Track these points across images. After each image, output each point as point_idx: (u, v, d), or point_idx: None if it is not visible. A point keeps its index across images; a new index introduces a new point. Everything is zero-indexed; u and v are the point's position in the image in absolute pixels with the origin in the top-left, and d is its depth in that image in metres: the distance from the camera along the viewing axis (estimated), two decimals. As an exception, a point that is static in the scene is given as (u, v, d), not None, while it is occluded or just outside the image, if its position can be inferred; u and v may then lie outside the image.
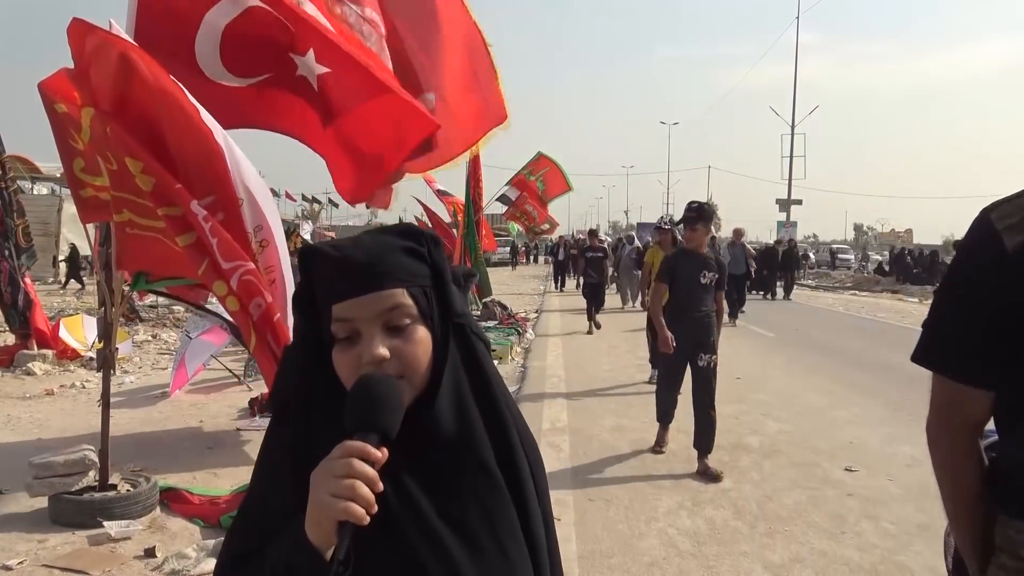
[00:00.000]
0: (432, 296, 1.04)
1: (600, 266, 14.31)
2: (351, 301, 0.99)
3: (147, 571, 3.77)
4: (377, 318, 0.99)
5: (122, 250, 4.12)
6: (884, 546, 4.26)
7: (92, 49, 3.69)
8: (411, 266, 1.03)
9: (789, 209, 38.63)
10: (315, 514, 0.90)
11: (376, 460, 0.90)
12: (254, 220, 3.84)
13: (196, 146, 3.71)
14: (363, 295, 0.99)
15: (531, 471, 1.11)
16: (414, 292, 1.01)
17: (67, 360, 9.23)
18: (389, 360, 0.98)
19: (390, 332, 0.99)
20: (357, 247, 1.02)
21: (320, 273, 1.03)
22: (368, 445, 0.90)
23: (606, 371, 9.79)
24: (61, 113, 4.08)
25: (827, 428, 6.92)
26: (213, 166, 3.73)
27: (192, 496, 4.66)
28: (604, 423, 6.99)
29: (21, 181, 21.35)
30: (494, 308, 14.10)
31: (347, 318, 0.99)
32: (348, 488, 0.87)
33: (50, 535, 4.12)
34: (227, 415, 7.00)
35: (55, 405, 7.31)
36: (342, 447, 0.90)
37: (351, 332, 0.99)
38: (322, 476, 0.89)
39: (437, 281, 1.05)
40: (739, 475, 5.52)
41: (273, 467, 1.03)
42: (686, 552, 4.16)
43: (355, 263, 1.00)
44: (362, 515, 0.87)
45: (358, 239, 1.05)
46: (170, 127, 3.73)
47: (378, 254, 1.01)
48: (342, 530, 0.87)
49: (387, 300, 0.99)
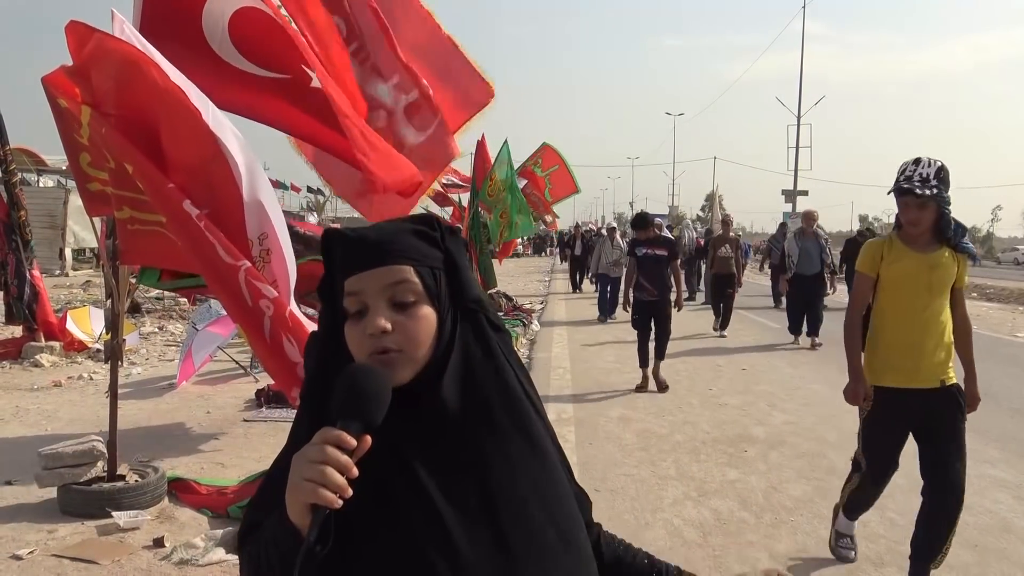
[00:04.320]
0: (442, 279, 1.07)
1: (659, 273, 8.10)
2: (360, 274, 1.04)
3: (156, 561, 3.80)
4: (383, 291, 1.04)
5: (126, 246, 4.12)
6: (889, 536, 4.26)
7: (91, 52, 3.68)
8: (422, 248, 1.07)
9: (795, 200, 38.46)
10: (290, 495, 0.94)
11: (351, 447, 0.93)
12: (260, 228, 3.80)
13: (199, 149, 3.68)
14: (371, 269, 1.04)
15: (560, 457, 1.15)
16: (422, 272, 1.05)
17: (74, 352, 9.27)
18: (390, 333, 1.02)
19: (395, 308, 1.04)
20: (373, 229, 1.09)
21: (338, 254, 1.08)
22: (344, 433, 0.93)
23: (611, 362, 9.80)
24: (64, 109, 4.08)
25: (833, 419, 6.90)
26: (216, 170, 3.69)
27: (200, 486, 4.68)
28: (610, 414, 7.00)
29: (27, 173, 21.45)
30: (499, 299, 14.10)
31: (356, 291, 1.04)
32: (319, 473, 0.91)
33: (59, 525, 4.15)
34: (234, 406, 7.03)
35: (63, 396, 7.34)
36: (320, 433, 0.94)
37: (361, 306, 1.04)
38: (298, 460, 0.94)
39: (450, 266, 1.09)
40: (745, 466, 5.52)
41: (294, 443, 1.07)
42: (692, 543, 4.17)
43: (368, 240, 1.06)
44: (332, 499, 0.90)
45: (376, 223, 1.12)
46: (169, 132, 3.69)
47: (391, 234, 1.07)
48: (315, 512, 0.91)
49: (394, 274, 1.04)
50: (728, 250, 12.37)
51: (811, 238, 11.29)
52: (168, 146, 3.72)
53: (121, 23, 3.69)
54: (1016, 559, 4.00)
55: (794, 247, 11.28)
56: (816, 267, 11.13)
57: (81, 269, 22.04)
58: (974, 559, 3.99)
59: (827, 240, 11.62)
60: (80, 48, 3.70)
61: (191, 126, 3.64)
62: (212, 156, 3.67)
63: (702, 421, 6.44)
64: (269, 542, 0.99)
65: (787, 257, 11.48)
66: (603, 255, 14.90)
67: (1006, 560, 3.98)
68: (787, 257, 11.48)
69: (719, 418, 6.89)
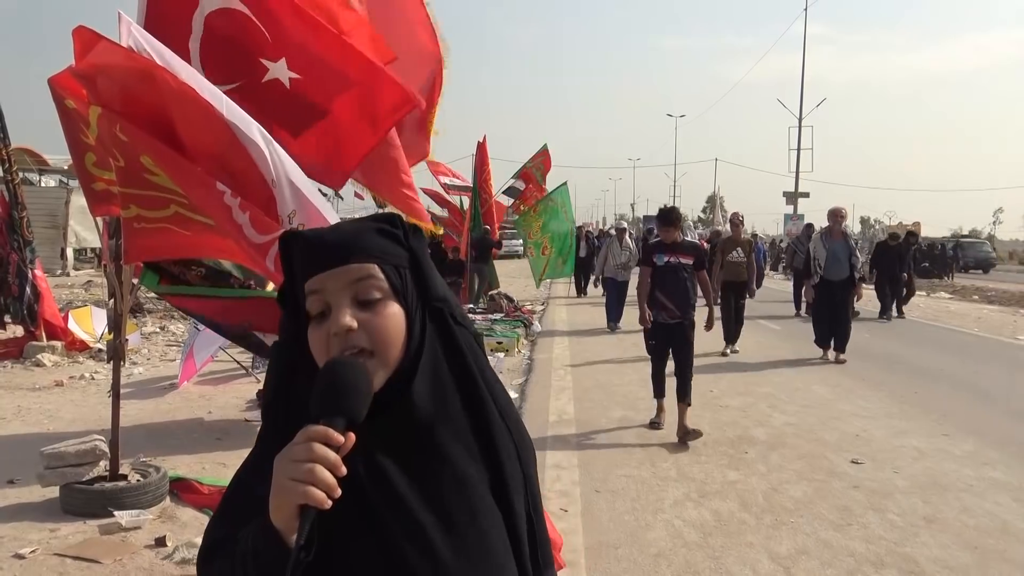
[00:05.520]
0: (408, 277, 1.04)
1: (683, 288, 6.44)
2: (322, 274, 1.00)
3: (157, 560, 3.81)
4: (346, 289, 0.99)
5: (130, 244, 4.14)
6: (890, 538, 4.27)
7: (96, 57, 3.70)
8: (385, 246, 1.03)
9: (796, 202, 38.53)
10: (276, 499, 0.89)
11: (339, 444, 0.89)
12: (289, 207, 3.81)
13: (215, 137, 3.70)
14: (333, 268, 1.00)
15: (517, 455, 1.10)
16: (387, 269, 1.02)
17: (76, 351, 9.28)
18: (356, 332, 0.98)
19: (360, 306, 0.99)
20: (333, 229, 1.06)
21: (298, 257, 1.04)
22: (331, 429, 0.89)
23: (613, 364, 9.81)
24: (71, 109, 4.09)
25: (833, 420, 6.92)
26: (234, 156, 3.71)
27: (201, 486, 4.70)
28: (611, 415, 7.01)
29: (29, 173, 21.47)
30: (501, 301, 14.10)
31: (317, 289, 1.00)
32: (308, 472, 0.87)
33: (62, 524, 4.16)
34: (235, 406, 7.05)
35: (65, 396, 7.35)
36: (304, 431, 0.90)
37: (323, 307, 1.00)
38: (283, 461, 0.89)
39: (414, 264, 1.05)
40: (745, 467, 5.53)
41: (260, 456, 1.03)
42: (692, 543, 4.18)
43: (328, 241, 1.03)
44: (322, 499, 0.87)
45: (337, 224, 1.09)
46: (184, 125, 3.72)
47: (352, 233, 1.04)
48: (304, 515, 0.87)
49: (357, 272, 1.00)
50: (740, 254, 10.61)
51: (839, 239, 10.11)
52: (186, 137, 3.74)
53: (128, 24, 3.70)
54: (1016, 560, 4.01)
55: (821, 249, 10.10)
56: (844, 272, 9.94)
57: (82, 269, 22.05)
58: (974, 560, 3.99)
59: (857, 242, 10.45)
60: (85, 53, 3.72)
61: (204, 116, 3.65)
62: (228, 143, 3.69)
63: (703, 422, 6.44)
64: (247, 554, 0.93)
65: (813, 260, 10.18)
66: (611, 256, 13.57)
67: (1006, 562, 3.99)
68: (813, 260, 10.18)
69: (720, 419, 6.90)
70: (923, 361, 10.16)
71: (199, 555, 1.04)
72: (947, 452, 5.96)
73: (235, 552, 0.95)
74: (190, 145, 3.74)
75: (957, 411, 7.38)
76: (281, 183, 3.75)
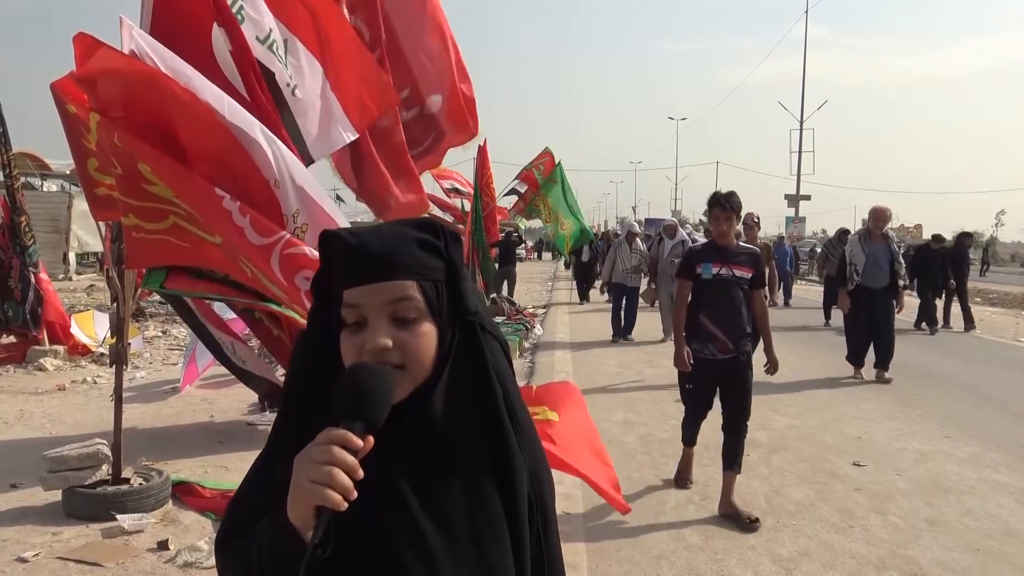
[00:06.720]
0: (444, 292, 1.04)
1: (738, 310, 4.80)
2: (362, 288, 1.00)
3: (160, 563, 3.81)
4: (384, 307, 1.00)
5: (131, 251, 4.16)
6: (892, 540, 4.27)
7: (96, 63, 3.72)
8: (425, 260, 1.03)
9: (798, 205, 38.49)
10: (294, 497, 0.91)
11: (358, 448, 0.91)
12: (296, 204, 3.82)
13: (216, 141, 3.71)
14: (374, 283, 1.00)
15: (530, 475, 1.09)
16: (425, 286, 1.02)
17: (78, 356, 9.30)
18: (391, 350, 0.99)
19: (396, 323, 1.00)
20: (375, 236, 1.04)
21: (337, 258, 1.04)
22: (350, 433, 0.91)
23: (614, 367, 9.80)
24: (72, 114, 4.11)
25: (835, 423, 6.91)
26: (236, 159, 3.73)
27: (204, 490, 4.70)
28: (612, 418, 7.00)
29: (31, 178, 21.51)
30: (502, 304, 14.11)
31: (356, 304, 1.00)
32: (326, 474, 0.88)
33: (64, 528, 4.17)
34: (237, 409, 7.05)
35: (67, 400, 7.36)
36: (325, 434, 0.91)
37: (359, 318, 1.01)
38: (303, 461, 0.91)
39: (451, 276, 1.06)
40: (747, 470, 5.51)
41: (279, 445, 1.04)
42: (694, 546, 4.18)
43: (370, 251, 1.02)
44: (338, 501, 0.88)
45: (377, 228, 1.07)
46: (185, 128, 3.73)
47: (394, 244, 1.03)
48: (319, 515, 0.89)
49: (397, 291, 1.00)
50: None
51: (880, 243, 8.86)
52: (187, 141, 3.75)
53: (130, 28, 3.72)
54: (1018, 563, 4.00)
55: (859, 253, 8.83)
56: (885, 279, 8.75)
57: (85, 273, 22.09)
58: (976, 563, 3.99)
59: (900, 244, 9.31)
60: (85, 59, 3.73)
61: (205, 120, 3.67)
62: (229, 147, 3.71)
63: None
64: (263, 545, 0.95)
65: (849, 266, 8.93)
66: (619, 261, 12.41)
67: (1008, 564, 3.99)
68: (849, 266, 8.93)
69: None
70: (924, 365, 10.15)
71: (216, 538, 1.07)
72: (949, 454, 5.95)
73: (251, 542, 0.97)
74: (191, 148, 3.76)
75: (959, 413, 7.37)
76: (285, 183, 3.77)
